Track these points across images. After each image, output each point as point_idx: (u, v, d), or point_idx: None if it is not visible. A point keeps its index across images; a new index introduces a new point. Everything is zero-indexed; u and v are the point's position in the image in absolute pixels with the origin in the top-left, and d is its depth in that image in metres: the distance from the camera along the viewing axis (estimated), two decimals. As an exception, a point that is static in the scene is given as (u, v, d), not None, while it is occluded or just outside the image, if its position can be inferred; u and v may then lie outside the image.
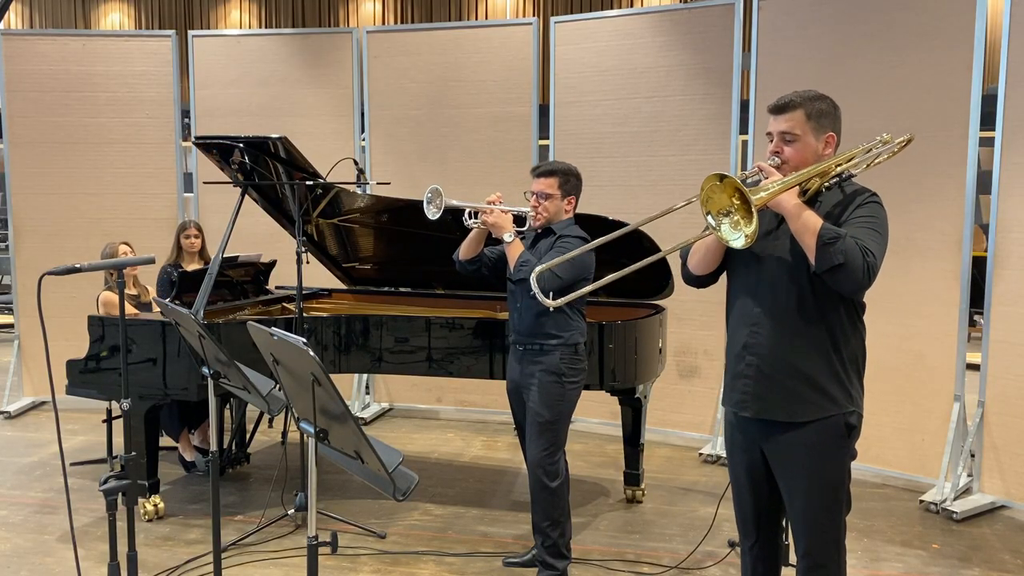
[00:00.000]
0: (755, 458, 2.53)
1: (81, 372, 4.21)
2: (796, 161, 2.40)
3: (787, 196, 2.29)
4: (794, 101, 2.41)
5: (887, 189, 4.80)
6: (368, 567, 3.77)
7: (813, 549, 2.45)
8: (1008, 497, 4.39)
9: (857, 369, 2.44)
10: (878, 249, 2.28)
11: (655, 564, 3.79)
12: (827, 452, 2.40)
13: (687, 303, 5.05)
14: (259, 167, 4.40)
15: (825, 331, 2.37)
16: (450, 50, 6.05)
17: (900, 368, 4.66)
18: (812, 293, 2.36)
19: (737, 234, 2.19)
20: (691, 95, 5.43)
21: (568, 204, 3.54)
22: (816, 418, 2.38)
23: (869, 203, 2.38)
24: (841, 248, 2.21)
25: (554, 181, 3.50)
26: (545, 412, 3.44)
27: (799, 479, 2.43)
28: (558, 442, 3.48)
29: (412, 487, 2.14)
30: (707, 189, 2.20)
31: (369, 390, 6.42)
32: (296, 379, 2.21)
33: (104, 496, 2.66)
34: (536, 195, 3.51)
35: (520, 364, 3.54)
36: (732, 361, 2.52)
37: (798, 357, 2.38)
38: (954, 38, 4.42)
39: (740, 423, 2.54)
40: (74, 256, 3.67)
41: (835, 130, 2.45)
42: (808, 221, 2.26)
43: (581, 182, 3.59)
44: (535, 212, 3.52)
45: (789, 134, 2.41)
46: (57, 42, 6.34)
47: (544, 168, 3.54)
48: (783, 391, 2.40)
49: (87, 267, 2.73)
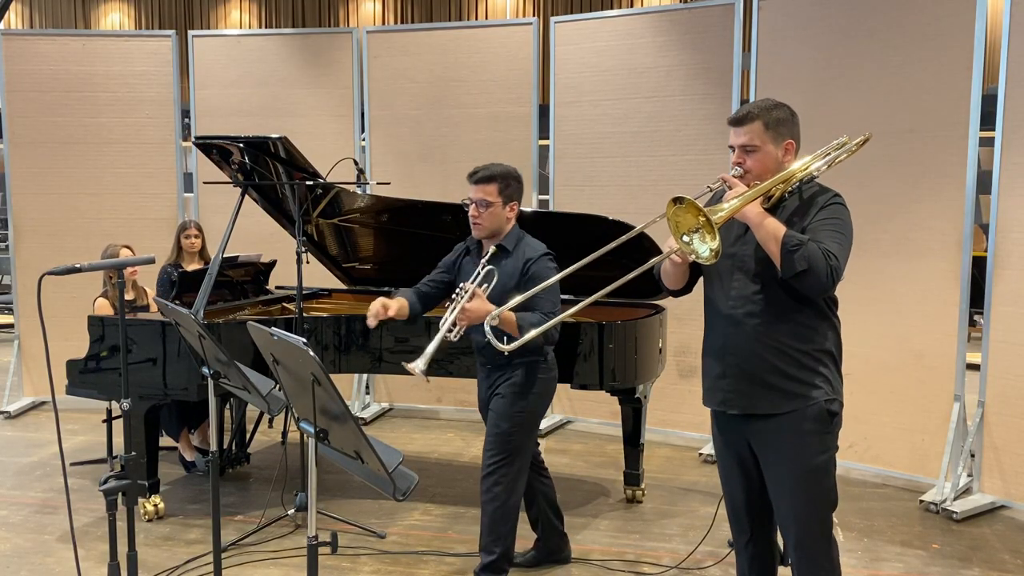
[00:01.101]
0: (743, 452, 2.61)
1: (81, 372, 4.21)
2: (758, 170, 2.49)
3: (750, 206, 2.38)
4: (751, 113, 2.50)
5: (887, 189, 4.81)
6: (368, 567, 3.77)
7: (802, 539, 2.51)
8: (1008, 497, 4.39)
9: (833, 359, 2.52)
10: (840, 251, 2.36)
11: (655, 564, 3.79)
12: (811, 439, 2.48)
13: (687, 303, 4.99)
14: (259, 167, 4.40)
15: (796, 327, 2.46)
16: (450, 50, 6.05)
17: (900, 368, 4.66)
18: (781, 293, 2.45)
19: (704, 247, 2.27)
20: (691, 95, 5.42)
21: (511, 211, 3.33)
22: (797, 407, 2.47)
23: (831, 204, 2.46)
24: (804, 254, 2.30)
25: (494, 188, 3.27)
26: (503, 423, 3.28)
27: (783, 467, 2.50)
28: (515, 456, 3.29)
29: (412, 487, 2.14)
30: (671, 215, 2.29)
31: (369, 390, 6.42)
32: (296, 379, 2.21)
33: (104, 496, 2.66)
34: (475, 203, 3.29)
35: (488, 380, 3.39)
36: (712, 362, 2.61)
37: (773, 353, 2.47)
38: (954, 38, 4.42)
39: (726, 420, 2.62)
40: (74, 256, 3.66)
41: (794, 136, 2.52)
42: (771, 229, 2.36)
43: (522, 184, 3.39)
44: (474, 223, 3.32)
45: (749, 145, 2.50)
46: (57, 42, 6.34)
47: (482, 174, 3.30)
48: (764, 387, 2.49)
49: (87, 267, 2.73)
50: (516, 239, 3.36)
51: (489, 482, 3.31)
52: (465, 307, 3.12)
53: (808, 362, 2.47)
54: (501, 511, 3.30)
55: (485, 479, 3.33)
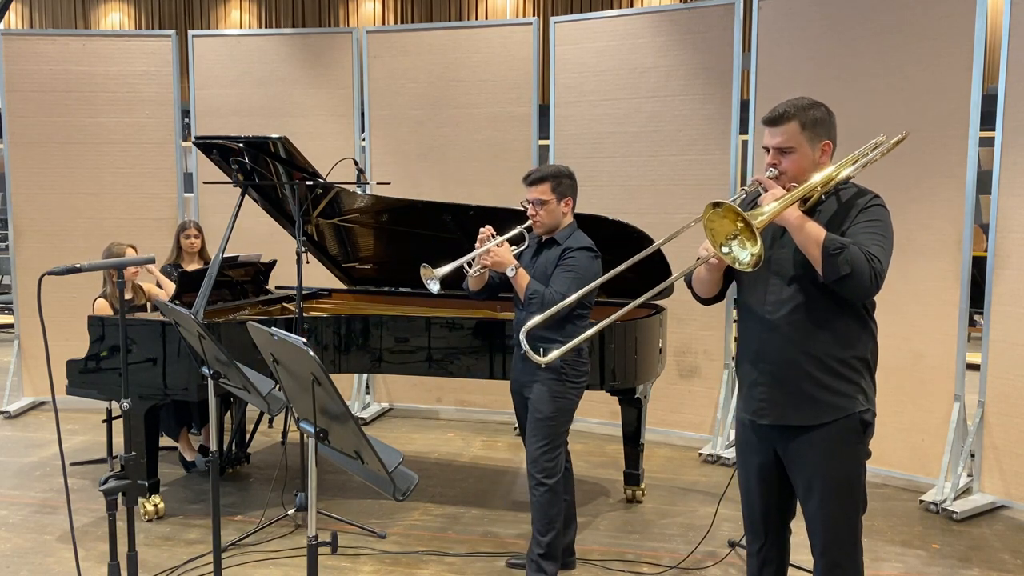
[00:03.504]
0: (768, 460, 2.53)
1: (81, 372, 4.21)
2: (794, 172, 2.40)
3: (790, 209, 2.30)
4: (788, 112, 2.41)
5: (887, 189, 4.80)
6: (368, 567, 3.77)
7: (830, 548, 2.45)
8: (1008, 497, 4.39)
9: (868, 368, 2.44)
10: (883, 254, 2.29)
11: (655, 564, 3.79)
12: (843, 450, 2.41)
13: (687, 303, 4.99)
14: (259, 167, 4.40)
15: (835, 334, 2.38)
16: (450, 50, 6.05)
17: (900, 368, 4.66)
18: (819, 298, 2.37)
19: (745, 253, 2.20)
20: (691, 95, 5.43)
21: (565, 206, 3.51)
22: (833, 419, 2.39)
23: (871, 207, 2.38)
24: (847, 258, 2.22)
25: (546, 187, 3.46)
26: (544, 408, 3.43)
27: (815, 478, 2.43)
28: (557, 440, 3.47)
29: (412, 487, 2.14)
30: (707, 222, 2.21)
31: (369, 390, 6.42)
32: (296, 379, 2.21)
33: (104, 496, 2.65)
34: (532, 203, 3.49)
35: (523, 363, 3.53)
36: (746, 369, 2.53)
37: (810, 361, 2.39)
38: (954, 38, 4.42)
39: (756, 427, 2.53)
40: (74, 256, 3.66)
41: (831, 137, 2.44)
42: (812, 233, 2.27)
43: (575, 181, 3.56)
44: (533, 221, 3.51)
45: (785, 147, 2.41)
46: (57, 42, 6.34)
47: (535, 176, 3.49)
48: (799, 396, 2.41)
49: (87, 267, 2.73)
50: (568, 234, 3.52)
51: (536, 468, 3.44)
52: (492, 249, 3.43)
53: (845, 371, 2.39)
54: (549, 494, 3.43)
55: (532, 464, 3.45)
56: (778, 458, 2.51)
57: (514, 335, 3.61)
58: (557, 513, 3.47)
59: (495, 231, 3.52)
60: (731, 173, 5.33)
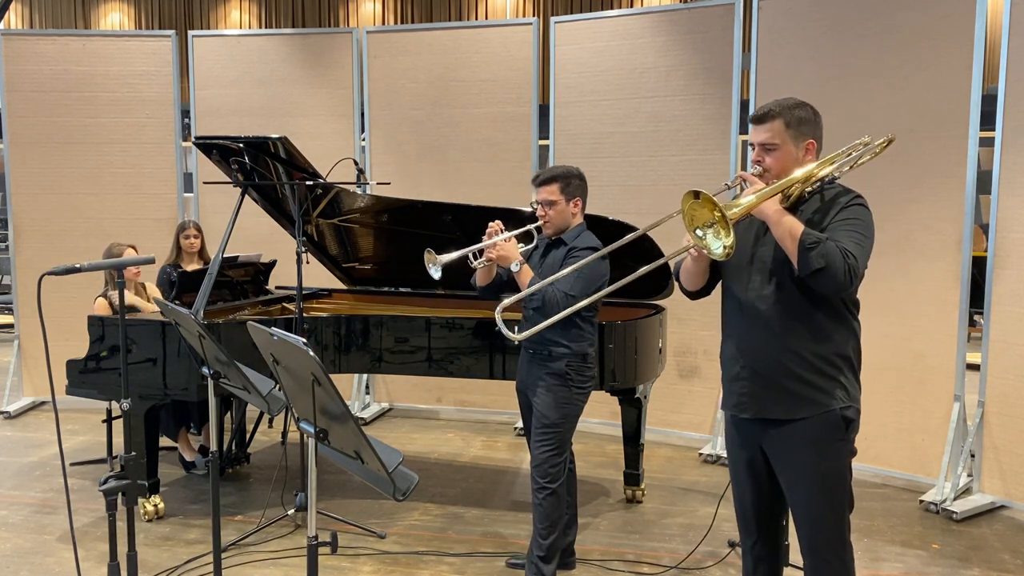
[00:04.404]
0: (755, 455, 2.56)
1: (81, 372, 4.21)
2: (777, 169, 2.45)
3: (768, 203, 2.35)
4: (773, 111, 2.46)
5: (887, 189, 4.79)
6: (368, 567, 3.77)
7: (817, 544, 2.47)
8: (1008, 497, 4.39)
9: (851, 364, 2.47)
10: (860, 251, 2.32)
11: (655, 564, 3.79)
12: (826, 446, 2.44)
13: (687, 303, 5.00)
14: (259, 167, 4.40)
15: (813, 330, 2.42)
16: (450, 50, 6.05)
17: (900, 368, 4.66)
18: (798, 294, 2.41)
19: (718, 243, 2.24)
20: (691, 95, 5.43)
21: (575, 207, 3.50)
22: (813, 414, 2.42)
23: (852, 205, 2.41)
24: (821, 252, 2.26)
25: (555, 187, 3.45)
26: (550, 414, 3.43)
27: (799, 474, 2.46)
28: (562, 446, 3.46)
29: (412, 487, 2.14)
30: (687, 208, 2.25)
31: (369, 390, 6.42)
32: (296, 379, 2.21)
33: (104, 496, 2.65)
34: (541, 204, 3.48)
35: (529, 366, 3.54)
36: (727, 365, 2.58)
37: (789, 356, 2.43)
38: (954, 38, 4.42)
39: (739, 422, 2.58)
40: (74, 256, 3.65)
41: (815, 137, 2.48)
42: (789, 227, 2.32)
43: (584, 182, 3.56)
44: (543, 222, 3.51)
45: (768, 143, 2.45)
46: (57, 42, 6.34)
47: (544, 176, 3.49)
48: (779, 390, 2.45)
49: (87, 267, 2.72)
50: (576, 234, 3.51)
51: (540, 472, 3.44)
52: (499, 243, 3.43)
53: (824, 367, 2.41)
54: (552, 498, 3.43)
55: (536, 469, 3.45)
56: (765, 454, 2.54)
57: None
58: (559, 516, 3.47)
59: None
60: (731, 173, 5.32)
